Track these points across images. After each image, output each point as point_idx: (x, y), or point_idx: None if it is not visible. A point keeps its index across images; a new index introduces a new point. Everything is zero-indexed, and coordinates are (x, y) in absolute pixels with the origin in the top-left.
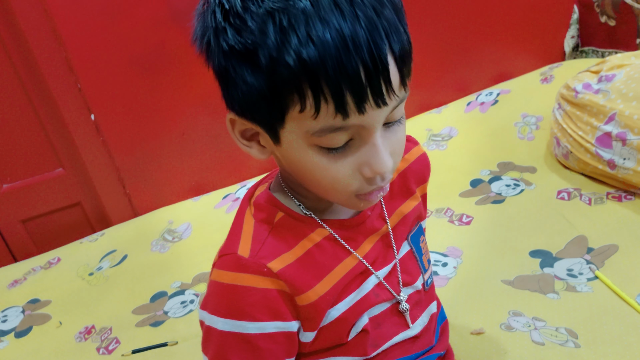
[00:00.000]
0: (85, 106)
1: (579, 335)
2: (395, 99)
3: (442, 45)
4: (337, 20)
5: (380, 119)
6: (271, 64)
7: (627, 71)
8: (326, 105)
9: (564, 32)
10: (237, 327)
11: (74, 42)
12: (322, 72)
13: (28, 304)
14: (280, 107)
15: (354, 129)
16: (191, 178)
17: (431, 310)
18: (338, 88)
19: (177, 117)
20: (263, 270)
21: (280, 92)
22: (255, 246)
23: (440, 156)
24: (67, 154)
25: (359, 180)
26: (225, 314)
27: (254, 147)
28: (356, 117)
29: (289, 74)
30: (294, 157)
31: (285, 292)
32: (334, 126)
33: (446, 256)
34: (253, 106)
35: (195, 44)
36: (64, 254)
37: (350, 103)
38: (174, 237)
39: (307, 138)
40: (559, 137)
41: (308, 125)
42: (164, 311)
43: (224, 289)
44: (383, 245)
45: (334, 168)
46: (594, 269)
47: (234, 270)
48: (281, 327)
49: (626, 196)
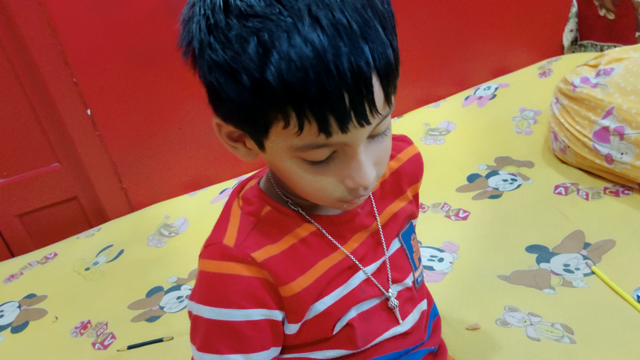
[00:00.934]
0: (81, 100)
1: (574, 331)
2: (379, 117)
3: (440, 40)
4: (320, 41)
5: (364, 136)
6: (254, 84)
7: (626, 65)
8: (309, 126)
9: (562, 26)
10: (223, 315)
11: (70, 36)
12: (305, 97)
13: (24, 299)
14: (264, 123)
15: (337, 145)
16: (188, 173)
17: (422, 308)
18: (321, 112)
19: (173, 112)
20: (247, 259)
21: (264, 110)
22: (241, 236)
23: (438, 151)
24: (63, 148)
25: (341, 189)
26: (211, 302)
27: (240, 148)
28: (340, 136)
29: (272, 95)
30: (278, 164)
31: (269, 281)
32: (317, 143)
33: (442, 251)
34: (237, 118)
35: (180, 50)
36: (61, 248)
37: (334, 125)
38: (170, 232)
39: (291, 151)
40: (556, 131)
41: (291, 141)
42: (160, 306)
43: (209, 277)
44: (373, 242)
45: (317, 179)
46: (591, 264)
47: (219, 259)
48: (266, 315)
49: (624, 191)
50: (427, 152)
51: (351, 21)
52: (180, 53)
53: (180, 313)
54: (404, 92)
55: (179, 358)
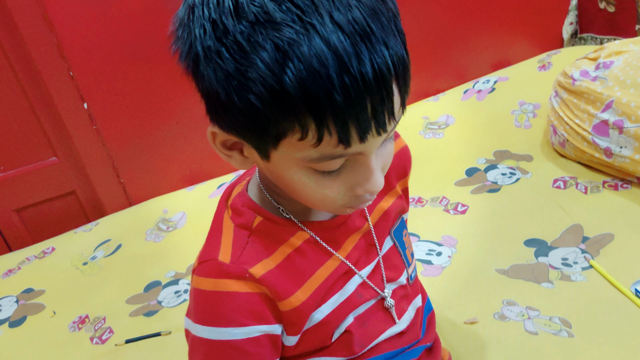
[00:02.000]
0: (78, 94)
1: (572, 325)
2: (394, 124)
3: (439, 33)
4: (343, 47)
5: (378, 144)
6: (270, 92)
7: (626, 58)
8: (329, 137)
9: (562, 19)
10: (224, 335)
11: (66, 29)
12: (328, 107)
13: (22, 293)
14: (276, 134)
15: (352, 155)
16: (186, 167)
17: (417, 304)
18: (344, 122)
19: (171, 106)
20: (245, 275)
21: (278, 120)
22: (236, 252)
23: (437, 144)
24: (60, 143)
25: (349, 196)
26: (210, 321)
27: (235, 156)
28: (357, 145)
29: (290, 105)
30: (283, 175)
31: (268, 296)
32: (334, 154)
33: (441, 245)
34: (244, 129)
35: (177, 55)
36: (58, 243)
37: (354, 135)
38: (168, 226)
39: (303, 162)
40: (555, 125)
41: (305, 153)
42: (158, 301)
43: (206, 296)
44: (365, 244)
45: (325, 189)
46: (589, 258)
47: (216, 277)
48: (266, 331)
49: (622, 185)
50: (426, 146)
51: (371, 25)
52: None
53: (178, 307)
54: None
55: (177, 352)
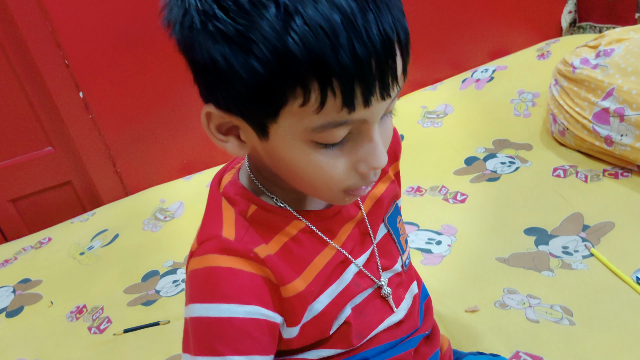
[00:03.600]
0: (73, 83)
1: (573, 313)
2: (397, 89)
3: (437, 21)
4: (349, 5)
5: (381, 112)
6: (273, 54)
7: (626, 46)
8: (333, 99)
9: (561, 7)
10: (225, 312)
11: (61, 16)
12: (334, 64)
13: (19, 283)
14: (277, 102)
15: (355, 124)
16: (183, 156)
17: (413, 291)
18: (349, 83)
19: (167, 94)
20: (249, 255)
21: (281, 85)
22: (240, 231)
23: (435, 133)
24: (56, 132)
25: (352, 176)
26: (210, 298)
27: (231, 141)
28: (361, 111)
29: (294, 67)
30: (284, 154)
31: (271, 281)
32: (337, 121)
33: (440, 234)
34: (243, 101)
35: (169, 28)
36: (55, 233)
37: (359, 97)
38: (165, 216)
39: (305, 134)
40: (555, 113)
41: (308, 121)
42: (156, 290)
43: (207, 272)
44: (359, 232)
45: (330, 166)
46: (590, 246)
47: (219, 253)
48: (267, 316)
49: (623, 173)
50: (425, 135)
51: None
52: (167, 29)
53: (176, 297)
54: None
55: (176, 341)
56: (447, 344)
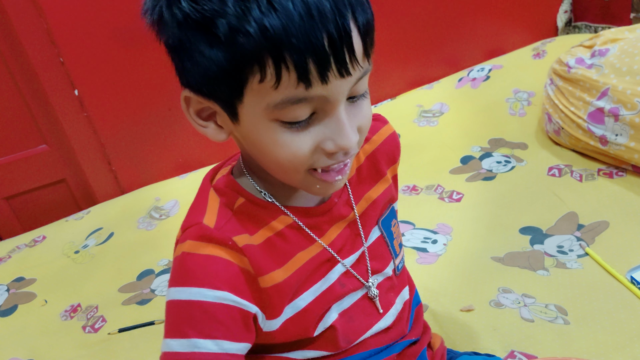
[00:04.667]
0: (68, 80)
1: (568, 312)
2: (359, 69)
3: (433, 21)
4: None
5: (344, 91)
6: (230, 33)
7: (621, 45)
8: (288, 74)
9: (556, 7)
10: (195, 295)
11: (56, 14)
12: (285, 41)
13: (13, 282)
14: (239, 80)
15: (317, 102)
16: (178, 155)
17: (404, 297)
18: (301, 56)
19: (163, 92)
20: (228, 242)
21: (239, 63)
22: (221, 220)
23: (431, 132)
24: (50, 130)
25: (318, 155)
26: (183, 282)
27: (210, 127)
28: (319, 87)
29: (250, 43)
30: (253, 135)
31: (248, 271)
32: (296, 97)
33: (436, 233)
34: (210, 81)
35: (145, 16)
36: (50, 232)
37: (313, 71)
38: (161, 214)
39: (268, 112)
40: (550, 113)
41: (269, 98)
42: (151, 289)
43: (184, 258)
44: (350, 233)
45: (295, 144)
46: (584, 245)
47: (198, 240)
48: (239, 304)
49: (617, 172)
50: (421, 134)
51: None
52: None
53: None
54: (396, 74)
55: None
56: (440, 342)
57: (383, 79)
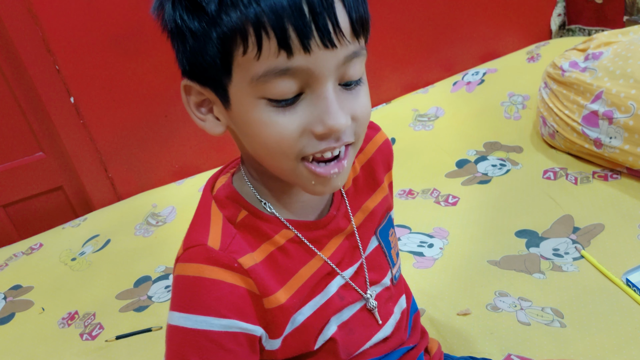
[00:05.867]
0: (64, 88)
1: (564, 315)
2: (345, 43)
3: (428, 25)
4: None
5: (330, 66)
6: (217, 8)
7: (615, 49)
8: (268, 41)
9: (550, 10)
10: (201, 324)
11: (51, 22)
12: (265, 8)
13: (10, 290)
14: (226, 55)
15: (301, 75)
16: (175, 161)
17: (402, 306)
18: (280, 21)
19: (159, 99)
20: (234, 265)
21: (225, 37)
22: (226, 240)
23: (427, 136)
24: (47, 137)
25: (308, 138)
26: (189, 308)
27: (208, 120)
28: (302, 57)
29: (234, 16)
30: (243, 118)
31: (254, 292)
32: (278, 67)
33: (432, 237)
34: (202, 61)
35: (153, 11)
36: (46, 239)
37: (294, 37)
38: (158, 220)
39: (253, 88)
40: (545, 116)
41: (252, 70)
42: (148, 296)
43: (188, 282)
44: (349, 245)
45: (281, 123)
46: (580, 248)
47: (203, 263)
48: (246, 329)
49: (612, 175)
50: (416, 138)
51: None
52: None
53: (169, 303)
54: (392, 78)
55: None
56: (437, 347)
57: (378, 83)
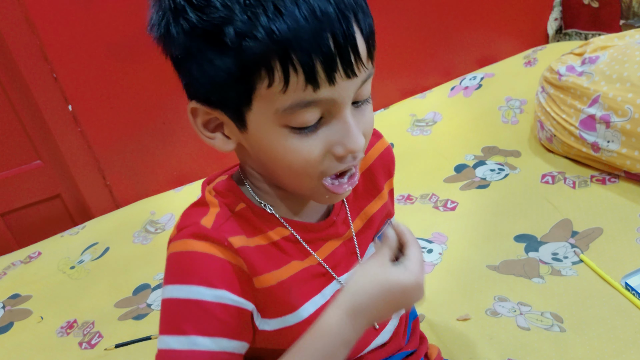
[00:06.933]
0: (62, 96)
1: (564, 319)
2: (364, 70)
3: (425, 30)
4: None
5: (351, 93)
6: (238, 40)
7: (611, 53)
8: (296, 77)
9: (547, 15)
10: (193, 294)
11: (48, 30)
12: (293, 43)
13: (8, 299)
14: (247, 86)
15: (324, 105)
16: (173, 168)
17: (400, 312)
18: (308, 57)
19: (157, 106)
20: (224, 242)
21: (247, 68)
22: (219, 220)
23: (425, 141)
24: (44, 145)
25: (329, 160)
26: (181, 279)
27: (217, 138)
28: (327, 89)
29: (257, 48)
30: (264, 142)
31: (244, 270)
32: (304, 100)
33: (431, 242)
34: (218, 88)
35: (152, 31)
36: (45, 247)
37: (321, 72)
38: (156, 228)
39: (277, 118)
40: (542, 120)
41: (278, 103)
42: (147, 304)
43: (180, 256)
44: (346, 251)
45: (306, 148)
46: (579, 252)
47: (194, 239)
48: (237, 302)
49: (610, 179)
50: (414, 143)
51: None
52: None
53: None
54: (389, 83)
55: None
56: (437, 353)
57: (376, 88)
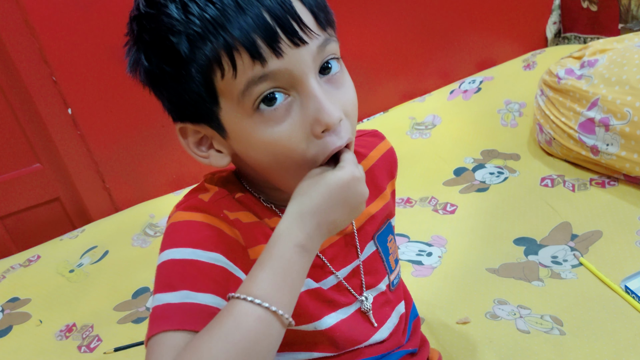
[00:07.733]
0: (61, 99)
1: (564, 323)
2: (314, 36)
3: (424, 33)
4: None
5: (307, 62)
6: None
7: (610, 56)
8: (241, 58)
9: (546, 18)
10: (189, 254)
11: (48, 33)
12: (227, 25)
13: (7, 302)
14: (209, 86)
15: (282, 79)
16: (172, 171)
17: (400, 310)
18: (246, 34)
19: (156, 109)
20: (220, 214)
21: (202, 69)
22: (217, 196)
23: (424, 145)
24: (44, 149)
25: (314, 143)
26: (177, 244)
27: (211, 155)
28: (276, 62)
29: (201, 42)
30: (244, 142)
31: (239, 241)
32: (256, 76)
33: (431, 245)
34: (187, 97)
35: (129, 71)
36: (44, 251)
37: (263, 46)
38: (155, 231)
39: (242, 107)
40: (541, 123)
41: (235, 90)
42: (147, 307)
43: (178, 225)
44: (344, 245)
45: (285, 134)
46: (579, 255)
47: (192, 211)
48: (231, 267)
49: (609, 182)
50: (414, 146)
51: None
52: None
53: None
54: (389, 87)
55: None
56: (438, 357)
57: (375, 92)
